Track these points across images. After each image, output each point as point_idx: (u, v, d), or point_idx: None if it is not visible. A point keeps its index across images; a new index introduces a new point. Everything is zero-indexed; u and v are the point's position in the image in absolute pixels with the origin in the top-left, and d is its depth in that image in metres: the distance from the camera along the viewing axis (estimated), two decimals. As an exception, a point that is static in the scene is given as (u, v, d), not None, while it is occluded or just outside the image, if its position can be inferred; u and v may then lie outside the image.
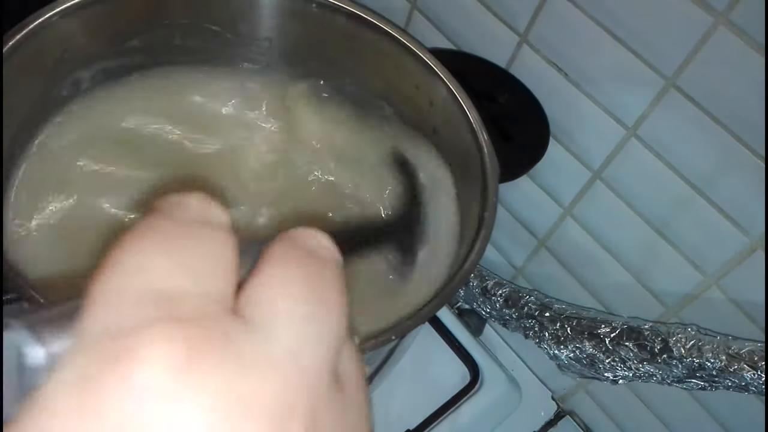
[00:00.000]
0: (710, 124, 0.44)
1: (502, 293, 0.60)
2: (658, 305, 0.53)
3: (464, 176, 0.48)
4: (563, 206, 0.57)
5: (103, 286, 0.15)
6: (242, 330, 0.15)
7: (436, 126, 0.50)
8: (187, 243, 0.16)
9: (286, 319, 0.16)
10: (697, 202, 0.47)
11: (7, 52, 0.40)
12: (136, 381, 0.14)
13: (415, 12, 0.60)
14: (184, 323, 0.15)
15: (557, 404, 0.68)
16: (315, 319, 0.16)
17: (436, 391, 0.61)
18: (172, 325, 0.15)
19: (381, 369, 0.49)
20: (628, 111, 0.48)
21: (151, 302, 0.15)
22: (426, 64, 0.48)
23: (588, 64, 0.49)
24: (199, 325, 0.15)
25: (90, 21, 0.45)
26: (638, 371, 0.52)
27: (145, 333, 0.14)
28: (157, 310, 0.15)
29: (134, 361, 0.14)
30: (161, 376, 0.14)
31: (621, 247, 0.54)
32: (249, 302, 0.16)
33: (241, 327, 0.16)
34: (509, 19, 0.53)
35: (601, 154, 0.52)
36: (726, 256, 0.47)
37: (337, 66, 0.54)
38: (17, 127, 0.45)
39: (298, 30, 0.52)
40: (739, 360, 0.46)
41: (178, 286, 0.15)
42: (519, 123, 0.53)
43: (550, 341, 0.56)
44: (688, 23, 0.42)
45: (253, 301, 0.16)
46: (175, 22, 0.50)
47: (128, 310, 0.15)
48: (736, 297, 0.48)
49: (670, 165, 0.48)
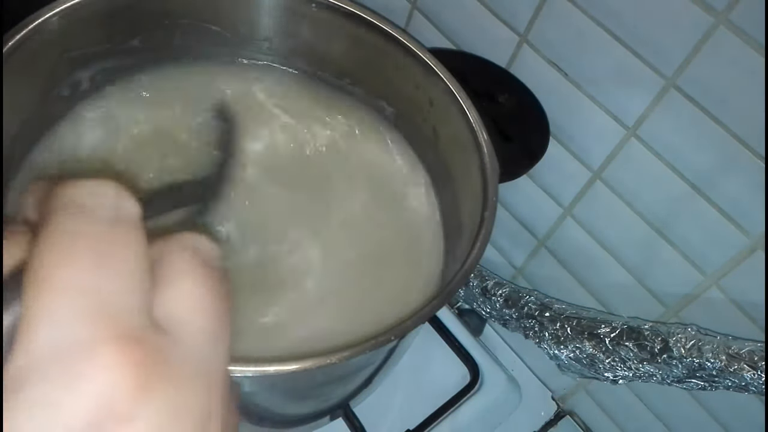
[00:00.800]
0: (710, 124, 0.44)
1: (502, 293, 0.60)
2: (658, 305, 0.53)
3: (464, 176, 0.48)
4: (563, 206, 0.57)
5: (39, 303, 0.16)
6: (170, 345, 0.17)
7: (436, 126, 0.50)
8: (111, 250, 0.17)
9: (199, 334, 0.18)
10: (697, 202, 0.47)
11: (7, 52, 0.40)
12: (96, 404, 0.15)
13: (415, 12, 0.60)
14: (126, 344, 0.16)
15: (557, 404, 0.68)
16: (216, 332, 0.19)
17: (436, 391, 0.61)
18: (117, 348, 0.15)
19: (381, 369, 0.49)
20: (628, 111, 0.48)
21: (89, 320, 0.16)
22: (426, 64, 0.48)
23: (588, 64, 0.49)
24: (140, 345, 0.16)
25: (90, 21, 0.45)
26: (638, 371, 0.52)
27: (96, 358, 0.15)
28: (98, 329, 0.16)
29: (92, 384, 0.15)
30: (119, 399, 0.15)
31: (621, 247, 0.54)
32: (167, 316, 0.18)
33: (168, 342, 0.17)
34: (509, 19, 0.53)
35: (601, 154, 0.52)
36: (726, 256, 0.47)
37: (337, 66, 0.54)
38: (17, 128, 0.45)
39: (298, 30, 0.52)
40: (739, 360, 0.46)
41: (109, 300, 0.16)
42: (519, 123, 0.53)
43: (550, 341, 0.56)
44: (688, 23, 0.42)
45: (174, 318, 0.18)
46: (175, 22, 0.50)
47: (69, 329, 0.15)
48: (736, 297, 0.48)
49: (670, 165, 0.48)
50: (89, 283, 0.16)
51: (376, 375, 0.50)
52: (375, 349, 0.36)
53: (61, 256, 0.16)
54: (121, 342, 0.16)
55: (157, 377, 0.16)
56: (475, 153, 0.45)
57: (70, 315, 0.15)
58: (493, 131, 0.47)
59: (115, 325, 0.16)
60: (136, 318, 0.16)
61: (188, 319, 0.18)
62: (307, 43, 0.53)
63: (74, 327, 0.15)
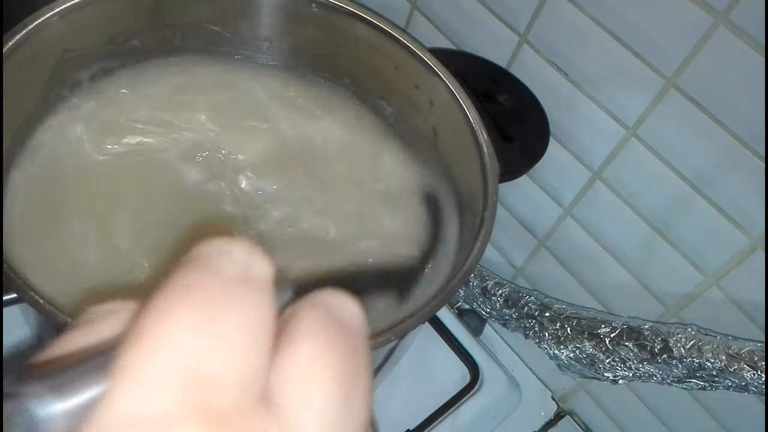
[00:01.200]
0: (710, 124, 0.44)
1: (502, 293, 0.60)
2: (658, 305, 0.53)
3: (464, 176, 0.48)
4: (563, 206, 0.57)
5: (128, 361, 0.14)
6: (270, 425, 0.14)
7: (436, 126, 0.50)
8: (225, 310, 0.15)
9: (319, 419, 0.15)
10: (697, 202, 0.47)
11: (7, 52, 0.40)
12: None
13: (415, 12, 0.60)
14: (215, 421, 0.13)
15: (557, 404, 0.68)
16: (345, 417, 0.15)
17: (436, 391, 0.61)
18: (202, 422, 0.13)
19: (381, 369, 0.49)
20: (628, 111, 0.48)
21: (180, 386, 0.13)
22: (426, 64, 0.48)
23: (588, 64, 0.49)
24: (231, 424, 0.14)
25: (90, 21, 0.45)
26: (638, 371, 0.52)
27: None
28: (186, 397, 0.13)
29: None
30: None
31: (621, 247, 0.54)
32: (282, 391, 0.15)
33: (273, 426, 0.14)
34: (509, 19, 0.53)
35: (601, 154, 0.52)
36: (726, 256, 0.47)
37: (337, 66, 0.54)
38: (17, 128, 0.45)
39: (298, 30, 0.52)
40: (739, 360, 0.46)
41: (211, 367, 0.14)
42: (519, 123, 0.53)
43: (550, 341, 0.56)
44: (688, 23, 0.42)
45: (286, 391, 0.15)
46: (175, 22, 0.50)
47: (154, 393, 0.13)
48: (736, 297, 0.48)
49: (670, 165, 0.48)
50: (190, 342, 0.14)
51: (376, 375, 0.50)
52: (375, 349, 0.36)
53: (168, 308, 0.14)
54: (209, 421, 0.13)
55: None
56: (475, 153, 0.45)
57: (158, 376, 0.13)
58: (493, 131, 0.47)
59: (207, 396, 0.14)
60: (235, 390, 0.14)
61: (303, 393, 0.15)
62: (307, 43, 0.53)
63: (160, 391, 0.13)
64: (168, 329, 0.14)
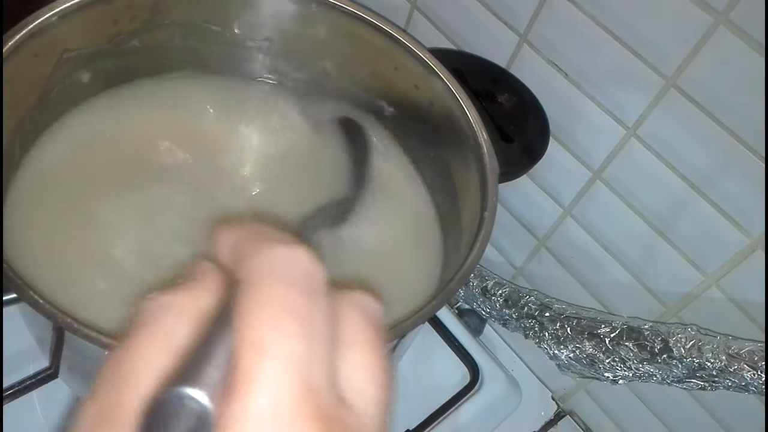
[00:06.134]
0: (710, 124, 0.44)
1: (502, 293, 0.60)
2: (658, 305, 0.53)
3: (464, 176, 0.48)
4: (563, 206, 0.57)
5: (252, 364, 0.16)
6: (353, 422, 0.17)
7: (436, 126, 0.50)
8: (310, 319, 0.17)
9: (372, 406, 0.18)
10: (697, 202, 0.47)
11: (7, 52, 0.40)
12: None
13: (415, 12, 0.60)
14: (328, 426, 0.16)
15: (557, 404, 0.68)
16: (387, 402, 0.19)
17: (436, 391, 0.61)
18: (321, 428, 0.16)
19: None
20: (628, 111, 0.48)
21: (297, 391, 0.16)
22: (426, 64, 0.48)
23: (588, 64, 0.49)
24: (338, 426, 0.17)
25: (90, 21, 0.45)
26: (638, 371, 0.52)
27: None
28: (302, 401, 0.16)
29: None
30: None
31: (621, 247, 0.54)
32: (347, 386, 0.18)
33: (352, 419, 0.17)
34: (509, 19, 0.53)
35: (601, 154, 0.52)
36: (726, 256, 0.47)
37: (337, 66, 0.54)
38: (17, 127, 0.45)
39: (298, 30, 0.52)
40: (739, 360, 0.46)
41: (313, 371, 0.17)
42: (519, 123, 0.53)
43: (550, 341, 0.56)
44: (688, 23, 0.42)
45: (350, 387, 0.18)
46: (175, 22, 0.50)
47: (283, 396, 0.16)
48: (736, 297, 0.48)
49: (670, 165, 0.48)
50: (298, 353, 0.16)
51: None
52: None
53: (271, 323, 0.17)
54: (325, 422, 0.16)
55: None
56: (475, 153, 0.45)
57: (282, 383, 0.16)
58: (493, 131, 0.47)
59: (317, 399, 0.16)
60: (330, 392, 0.17)
61: (364, 389, 0.18)
62: (307, 42, 0.53)
63: (286, 395, 0.16)
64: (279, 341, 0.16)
